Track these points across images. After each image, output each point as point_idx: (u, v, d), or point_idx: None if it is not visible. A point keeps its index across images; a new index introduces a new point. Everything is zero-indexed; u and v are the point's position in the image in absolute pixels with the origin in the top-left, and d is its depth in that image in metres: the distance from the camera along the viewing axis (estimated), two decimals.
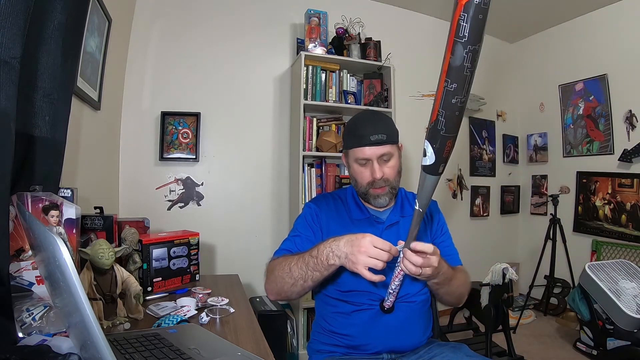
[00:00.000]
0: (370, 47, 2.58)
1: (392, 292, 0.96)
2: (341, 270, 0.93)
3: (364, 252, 0.81)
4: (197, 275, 1.36)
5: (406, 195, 1.19)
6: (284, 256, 1.01)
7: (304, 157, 2.36)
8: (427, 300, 1.12)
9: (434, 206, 1.21)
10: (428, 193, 0.75)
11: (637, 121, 2.69)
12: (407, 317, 1.06)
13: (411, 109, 2.94)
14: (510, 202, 3.57)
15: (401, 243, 0.87)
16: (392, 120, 1.10)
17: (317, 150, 2.44)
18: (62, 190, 0.95)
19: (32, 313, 0.72)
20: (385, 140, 1.02)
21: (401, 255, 0.87)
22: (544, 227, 3.02)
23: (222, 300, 1.08)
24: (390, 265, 0.86)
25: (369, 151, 1.03)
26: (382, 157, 1.04)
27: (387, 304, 1.00)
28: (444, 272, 0.94)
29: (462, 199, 3.29)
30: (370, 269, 0.81)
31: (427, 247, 0.83)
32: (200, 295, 1.10)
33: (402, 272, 0.89)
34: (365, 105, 2.56)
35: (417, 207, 0.79)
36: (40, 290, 0.81)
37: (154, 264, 1.21)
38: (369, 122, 1.05)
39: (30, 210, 0.81)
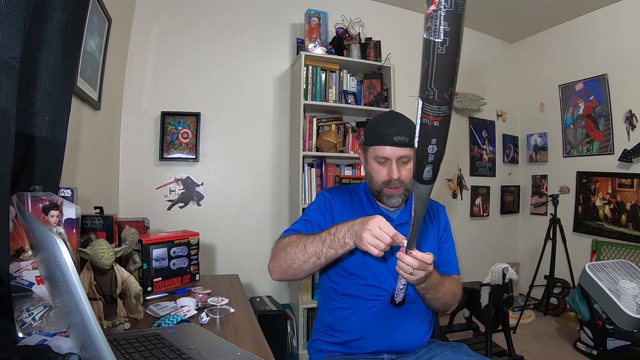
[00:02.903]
0: (370, 47, 2.58)
1: (402, 287, 0.97)
2: (352, 261, 0.95)
3: (368, 230, 0.85)
4: (197, 275, 1.36)
5: None
6: (297, 235, 1.03)
7: (304, 157, 2.36)
8: None
9: (442, 211, 1.22)
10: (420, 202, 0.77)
11: (637, 121, 2.69)
12: (410, 318, 1.07)
13: (411, 109, 2.91)
14: (510, 202, 3.57)
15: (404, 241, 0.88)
16: (414, 125, 1.09)
17: (317, 150, 2.44)
18: (62, 190, 0.95)
19: (32, 313, 0.72)
20: (407, 142, 1.04)
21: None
22: (544, 227, 3.02)
23: (222, 300, 1.08)
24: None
25: (390, 151, 1.05)
26: (401, 158, 1.05)
27: (398, 298, 1.01)
28: (431, 279, 0.96)
29: (462, 199, 3.29)
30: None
31: (427, 257, 0.86)
32: (200, 295, 1.10)
33: None
34: (365, 105, 2.56)
35: (418, 215, 0.80)
36: (40, 290, 0.81)
37: (154, 264, 1.21)
38: (394, 123, 1.06)
39: (30, 210, 0.81)
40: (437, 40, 0.52)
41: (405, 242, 0.86)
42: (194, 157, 2.35)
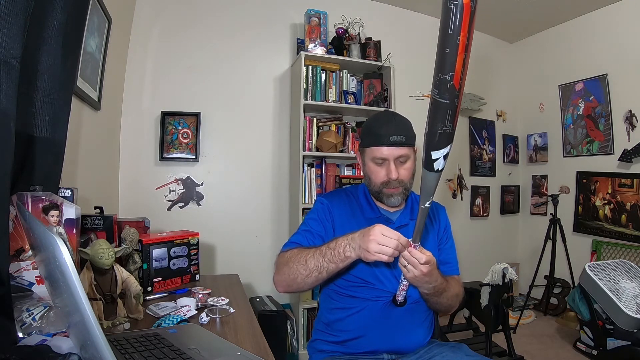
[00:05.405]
0: (370, 47, 2.58)
1: (403, 286, 0.97)
2: (354, 264, 0.96)
3: (373, 239, 0.85)
4: (197, 275, 1.36)
5: (416, 199, 1.19)
6: (298, 249, 1.02)
7: (304, 157, 2.36)
8: None
9: (442, 212, 1.22)
10: (428, 189, 0.79)
11: (637, 121, 2.69)
12: (410, 319, 1.07)
13: (411, 109, 2.92)
14: (510, 202, 3.57)
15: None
16: (411, 123, 1.10)
17: (317, 150, 2.44)
18: (62, 190, 0.95)
19: (32, 313, 0.72)
20: (404, 142, 1.03)
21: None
22: (544, 227, 3.02)
23: (222, 300, 1.08)
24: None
25: (387, 151, 1.04)
26: (399, 158, 1.05)
27: (399, 297, 1.01)
28: (436, 286, 0.96)
29: (462, 199, 3.29)
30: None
31: (419, 256, 0.87)
32: (200, 295, 1.10)
33: None
34: (365, 105, 2.56)
35: (421, 205, 0.82)
36: (40, 290, 0.81)
37: (154, 264, 1.21)
38: (389, 123, 1.06)
39: (30, 210, 0.81)
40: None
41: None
42: (194, 157, 2.35)
